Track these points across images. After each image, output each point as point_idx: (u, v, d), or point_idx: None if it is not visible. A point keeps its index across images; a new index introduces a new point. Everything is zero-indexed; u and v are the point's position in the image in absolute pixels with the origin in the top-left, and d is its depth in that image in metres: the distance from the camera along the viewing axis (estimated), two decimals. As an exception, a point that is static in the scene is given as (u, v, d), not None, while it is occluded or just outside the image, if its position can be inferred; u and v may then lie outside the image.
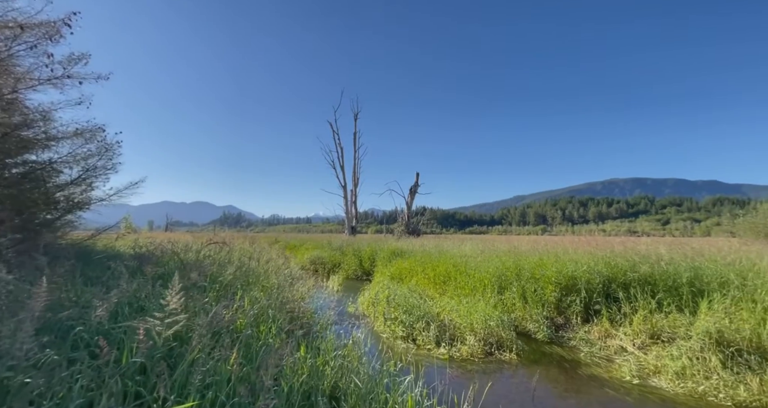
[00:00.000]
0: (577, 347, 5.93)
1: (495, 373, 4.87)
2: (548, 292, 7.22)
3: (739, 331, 5.07)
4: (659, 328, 5.76)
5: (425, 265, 10.51)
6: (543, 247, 9.93)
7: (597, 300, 6.82)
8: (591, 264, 7.58)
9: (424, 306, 6.90)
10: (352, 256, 15.90)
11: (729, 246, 8.70)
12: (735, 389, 4.15)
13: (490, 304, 7.18)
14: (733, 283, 6.05)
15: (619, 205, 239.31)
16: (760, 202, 16.68)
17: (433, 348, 5.59)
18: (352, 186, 30.32)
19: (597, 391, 4.44)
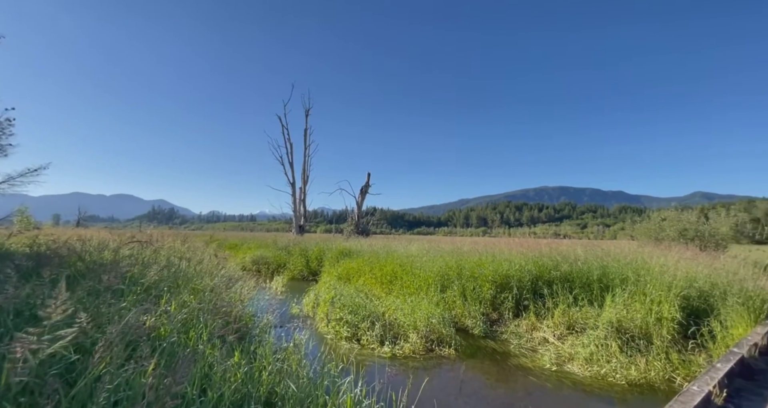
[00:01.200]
0: (508, 340, 6.45)
1: (434, 369, 5.09)
2: (485, 290, 7.76)
3: (633, 320, 5.98)
4: (574, 320, 6.53)
5: (373, 265, 10.59)
6: (482, 248, 10.63)
7: (526, 296, 7.51)
8: (522, 263, 8.32)
9: (369, 306, 6.94)
10: (298, 256, 15.39)
11: (629, 248, 10.21)
12: (628, 370, 4.87)
13: (432, 303, 7.48)
14: (630, 280, 7.11)
15: (547, 211, 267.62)
16: (653, 211, 19.93)
17: (377, 347, 5.65)
18: (302, 184, 29.37)
19: (522, 379, 4.88)
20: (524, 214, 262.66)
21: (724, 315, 6.03)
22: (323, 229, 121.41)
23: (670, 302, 6.15)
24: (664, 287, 6.55)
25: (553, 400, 4.32)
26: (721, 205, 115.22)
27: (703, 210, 24.27)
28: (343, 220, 28.53)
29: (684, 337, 5.74)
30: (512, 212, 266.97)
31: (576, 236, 62.93)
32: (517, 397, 4.32)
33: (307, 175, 29.42)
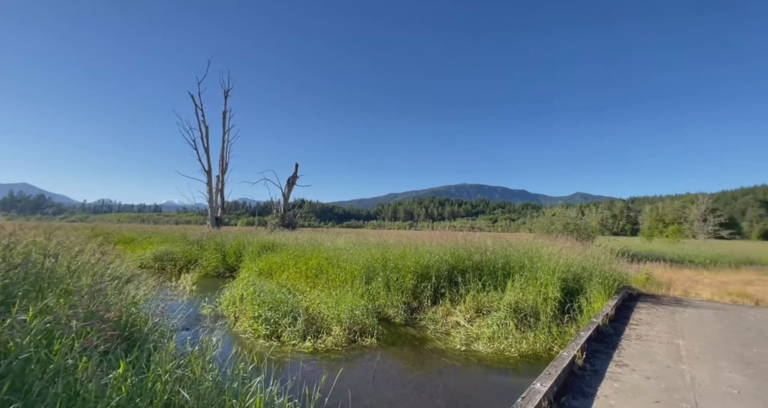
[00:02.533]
0: (426, 326, 6.92)
1: (356, 359, 5.18)
2: (408, 280, 8.18)
3: (526, 301, 6.99)
4: (482, 304, 7.33)
5: (298, 259, 10.23)
6: (407, 240, 11.15)
7: (443, 285, 8.16)
8: (441, 255, 9.00)
9: (292, 301, 6.69)
10: (213, 251, 13.97)
11: (527, 239, 11.88)
12: (520, 344, 5.68)
13: (357, 295, 7.58)
14: (526, 267, 8.29)
15: (466, 206, 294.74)
16: (546, 208, 23.60)
17: (299, 342, 5.49)
18: (219, 172, 26.56)
19: (436, 360, 5.30)
20: (446, 209, 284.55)
21: (589, 293, 7.48)
22: (245, 221, 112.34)
23: (554, 284, 7.35)
24: (550, 272, 7.81)
25: (461, 376, 4.80)
26: (594, 204, 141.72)
27: (581, 208, 29.45)
28: (268, 212, 26.80)
29: (562, 312, 6.93)
30: (436, 207, 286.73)
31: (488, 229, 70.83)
32: (431, 377, 4.67)
33: (225, 163, 26.74)
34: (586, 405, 2.91)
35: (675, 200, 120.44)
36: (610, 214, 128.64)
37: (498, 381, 4.73)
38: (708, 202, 61.71)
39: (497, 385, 4.59)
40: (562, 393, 3.11)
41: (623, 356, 4.16)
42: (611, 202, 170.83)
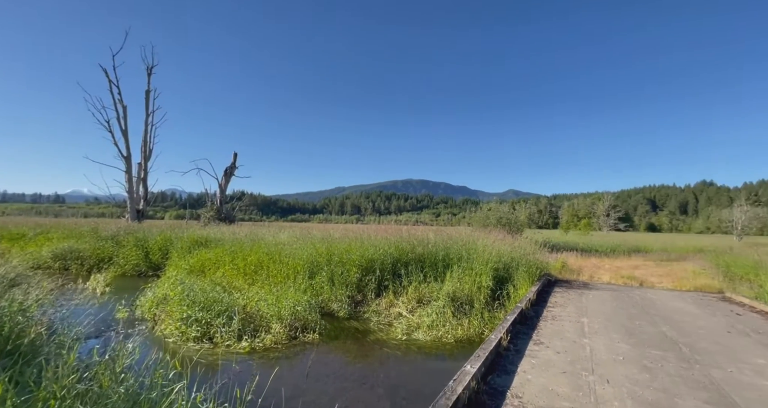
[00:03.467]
0: (369, 318, 7.03)
1: (296, 356, 5.05)
2: (352, 274, 8.19)
3: (463, 290, 7.50)
4: (423, 294, 7.67)
5: (235, 255, 9.59)
6: (353, 234, 11.15)
7: (387, 277, 8.35)
8: (386, 248, 9.18)
9: (227, 300, 6.25)
10: (134, 248, 12.38)
11: (465, 232, 12.71)
12: (456, 330, 6.09)
13: (300, 290, 7.39)
14: (464, 258, 8.88)
15: (411, 201, 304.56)
16: (483, 204, 25.52)
17: (234, 343, 5.16)
18: (141, 158, 23.47)
19: (378, 351, 5.42)
20: (393, 204, 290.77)
21: (516, 280, 8.29)
22: (174, 214, 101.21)
23: (487, 274, 8.00)
24: (484, 263, 8.47)
25: (402, 365, 4.97)
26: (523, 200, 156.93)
27: (513, 204, 32.38)
28: (202, 205, 24.56)
29: (493, 299, 7.59)
30: (383, 201, 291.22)
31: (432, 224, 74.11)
32: (372, 368, 4.77)
33: (149, 149, 23.71)
34: (508, 381, 3.24)
35: (587, 198, 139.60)
36: (536, 209, 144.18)
37: (436, 366, 5.01)
38: (611, 200, 72.68)
39: (435, 370, 4.86)
40: (489, 372, 3.41)
41: (541, 335, 4.71)
42: (538, 199, 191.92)
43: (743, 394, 3.09)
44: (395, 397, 3.96)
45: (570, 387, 3.14)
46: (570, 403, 2.83)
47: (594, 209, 79.34)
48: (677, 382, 3.29)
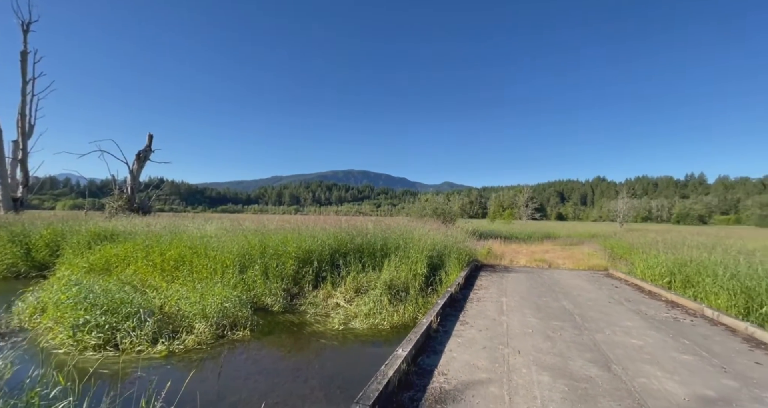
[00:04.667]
0: (306, 311, 6.87)
1: (223, 355, 4.72)
2: (288, 266, 7.89)
3: (399, 278, 7.78)
4: (361, 284, 7.75)
5: (150, 250, 8.49)
6: (291, 225, 10.71)
7: (325, 268, 8.24)
8: (324, 239, 9.02)
9: (139, 300, 5.52)
10: (9, 244, 10.13)
11: (403, 222, 13.15)
12: (392, 317, 6.30)
13: (229, 286, 6.87)
14: (401, 247, 9.19)
15: (353, 191, 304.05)
16: (421, 195, 26.67)
17: (148, 348, 4.60)
18: (19, 136, 19.10)
19: (314, 343, 5.35)
20: (334, 194, 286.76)
21: (447, 266, 8.89)
22: (70, 203, 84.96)
23: (422, 261, 8.41)
24: (420, 251, 8.88)
25: (338, 354, 4.99)
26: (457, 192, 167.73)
27: (448, 195, 34.38)
28: (107, 193, 21.06)
29: (427, 285, 8.03)
30: (323, 192, 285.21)
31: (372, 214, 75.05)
32: (307, 360, 4.69)
33: (30, 124, 19.39)
34: (436, 360, 3.47)
35: (511, 190, 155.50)
36: (468, 200, 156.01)
37: (372, 352, 5.14)
38: (529, 192, 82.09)
39: (371, 356, 4.98)
40: (420, 354, 3.62)
41: (467, 316, 5.14)
42: (470, 191, 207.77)
43: (615, 351, 3.80)
44: (330, 387, 3.96)
45: (488, 360, 3.49)
46: (487, 374, 3.15)
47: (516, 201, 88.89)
48: (570, 347, 3.90)
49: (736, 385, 3.07)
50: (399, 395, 2.78)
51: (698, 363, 3.54)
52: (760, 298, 5.42)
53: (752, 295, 5.54)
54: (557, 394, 2.82)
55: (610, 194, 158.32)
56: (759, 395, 2.90)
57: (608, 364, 3.43)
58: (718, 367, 3.44)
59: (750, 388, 3.02)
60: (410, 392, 2.83)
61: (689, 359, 3.63)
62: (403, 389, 2.88)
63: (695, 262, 7.47)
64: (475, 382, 3.01)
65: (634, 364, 3.46)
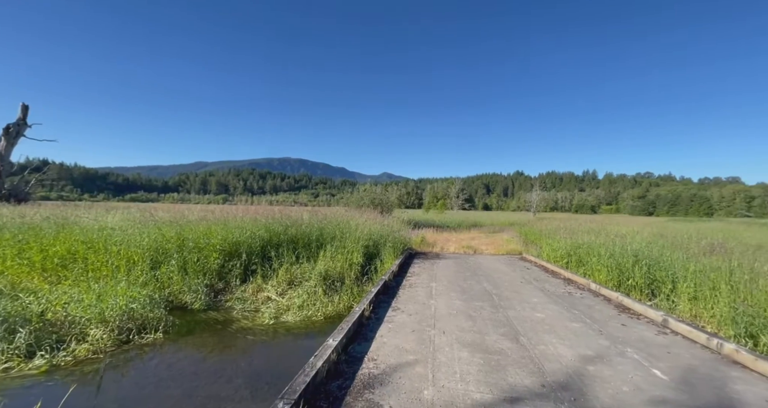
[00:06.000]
0: (233, 307, 6.40)
1: (128, 363, 4.13)
2: (212, 260, 7.22)
3: (335, 268, 7.72)
4: (295, 276, 7.49)
5: (26, 246, 6.96)
6: (216, 216, 9.78)
7: (255, 261, 7.75)
8: (254, 230, 8.45)
9: (9, 307, 4.49)
10: None
11: (340, 213, 13.03)
12: (327, 307, 6.24)
13: (137, 284, 6.03)
14: (337, 237, 9.10)
15: (289, 180, 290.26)
16: (360, 185, 26.72)
17: (19, 364, 3.78)
18: None
19: (241, 340, 5.01)
20: (268, 183, 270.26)
21: (383, 255, 9.11)
22: None
23: (358, 251, 8.46)
24: (356, 241, 8.91)
25: (268, 349, 4.76)
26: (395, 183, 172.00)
27: (387, 186, 35.05)
28: (-38, 175, 16.51)
29: (362, 274, 8.12)
30: (256, 180, 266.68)
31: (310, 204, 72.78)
32: (233, 358, 4.39)
33: None
34: (366, 347, 3.54)
35: (444, 181, 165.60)
36: (405, 191, 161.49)
37: (305, 345, 5.01)
38: (460, 184, 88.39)
39: (304, 348, 4.86)
40: (351, 342, 3.65)
41: (399, 302, 5.34)
42: (407, 182, 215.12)
43: (523, 324, 4.34)
44: (258, 384, 3.77)
45: (416, 342, 3.68)
46: (414, 356, 3.32)
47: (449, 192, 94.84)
48: (488, 324, 4.33)
49: (608, 343, 3.77)
50: (327, 385, 2.76)
51: (583, 329, 4.24)
52: (628, 272, 6.71)
53: (623, 270, 6.83)
54: (474, 367, 3.11)
55: (526, 187, 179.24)
56: (622, 350, 3.60)
57: (517, 337, 3.90)
58: (596, 331, 4.17)
59: (616, 345, 3.72)
60: (339, 381, 2.84)
61: (577, 326, 4.32)
62: (333, 378, 2.87)
63: (586, 245, 8.89)
64: (403, 364, 3.15)
65: (537, 334, 4.00)
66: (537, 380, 2.88)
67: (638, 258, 6.94)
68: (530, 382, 2.85)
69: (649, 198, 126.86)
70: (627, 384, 2.87)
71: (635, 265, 6.78)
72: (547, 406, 2.51)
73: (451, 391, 2.68)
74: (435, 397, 2.59)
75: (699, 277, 5.48)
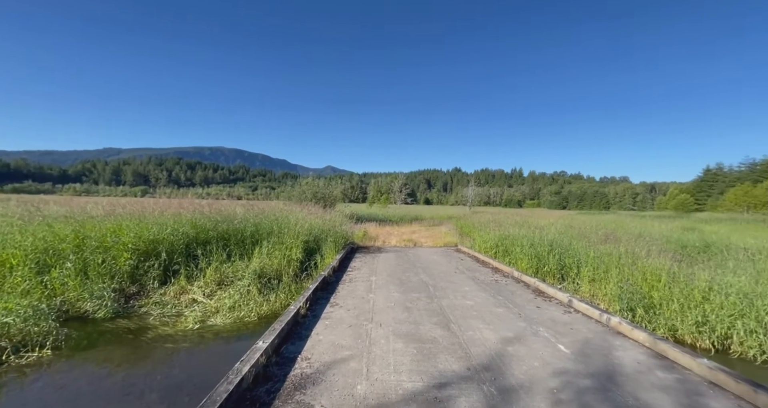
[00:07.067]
0: (149, 312, 5.68)
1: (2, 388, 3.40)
2: (122, 261, 6.29)
3: (272, 266, 7.33)
4: (226, 275, 6.93)
5: None
6: (127, 210, 8.54)
7: (178, 260, 6.96)
8: (177, 226, 7.58)
9: None
10: None
11: (280, 207, 12.39)
12: (262, 307, 5.90)
13: (17, 293, 4.98)
14: (275, 232, 8.64)
15: (223, 172, 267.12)
16: (302, 179, 25.73)
17: None
18: None
19: (159, 349, 4.47)
20: (198, 174, 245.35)
21: (324, 250, 8.92)
22: None
23: (298, 247, 8.15)
24: (295, 236, 8.56)
25: (192, 357, 4.32)
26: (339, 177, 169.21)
27: (330, 180, 34.38)
28: None
29: (302, 270, 7.85)
30: (183, 170, 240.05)
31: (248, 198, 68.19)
32: (147, 371, 3.88)
33: None
34: (300, 346, 3.41)
35: (388, 176, 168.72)
36: (350, 185, 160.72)
37: (235, 349, 4.66)
38: (403, 179, 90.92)
39: (234, 353, 4.51)
40: (284, 342, 3.48)
41: (338, 298, 5.27)
42: (351, 176, 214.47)
43: (454, 312, 4.62)
44: (177, 397, 3.40)
45: (352, 337, 3.67)
46: (350, 351, 3.30)
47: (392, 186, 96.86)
48: (423, 314, 4.51)
49: (525, 325, 4.21)
50: (254, 391, 2.59)
51: (506, 313, 4.67)
52: (544, 259, 7.58)
53: (540, 258, 7.70)
54: (407, 357, 3.21)
55: (463, 183, 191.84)
56: (536, 330, 4.05)
57: (448, 325, 4.14)
58: (516, 314, 4.64)
59: (532, 326, 4.18)
60: (268, 385, 2.69)
61: (501, 311, 4.75)
62: (261, 383, 2.70)
63: (511, 236, 9.82)
64: (338, 360, 3.11)
65: (466, 321, 4.29)
66: (464, 364, 3.09)
67: (552, 247, 7.88)
68: (458, 367, 3.03)
69: (563, 194, 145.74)
70: (538, 360, 3.23)
71: (550, 253, 7.69)
72: (472, 388, 2.69)
73: (384, 384, 2.71)
74: (368, 391, 2.60)
75: (596, 262, 6.43)
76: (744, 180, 55.96)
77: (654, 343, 3.51)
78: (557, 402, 2.52)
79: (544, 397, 2.58)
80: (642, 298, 5.01)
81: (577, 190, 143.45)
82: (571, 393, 2.65)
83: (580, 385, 2.78)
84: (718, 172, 68.92)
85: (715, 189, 64.30)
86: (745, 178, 57.80)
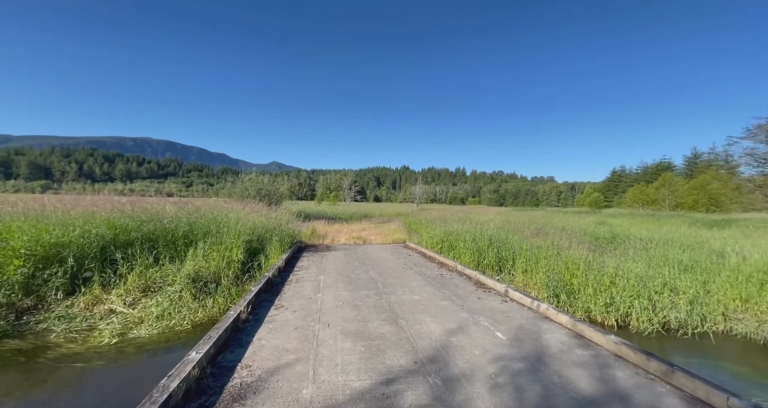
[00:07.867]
0: (49, 329, 4.82)
1: None
2: (11, 270, 5.24)
3: (209, 268, 6.72)
4: (153, 280, 6.18)
5: None
6: (22, 208, 7.15)
7: (90, 266, 6.02)
8: (89, 227, 6.55)
9: None
10: None
11: (219, 204, 11.44)
12: (196, 314, 5.37)
13: None
14: (212, 232, 7.94)
15: (150, 166, 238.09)
16: (244, 174, 24.08)
17: None
18: None
19: (63, 371, 3.81)
20: (118, 167, 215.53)
21: (269, 250, 8.45)
22: None
23: (239, 247, 7.59)
24: (236, 236, 7.97)
25: (109, 376, 3.76)
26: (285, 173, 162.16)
27: (276, 176, 32.72)
28: None
29: (244, 272, 7.34)
30: (99, 163, 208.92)
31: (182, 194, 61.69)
32: (45, 399, 3.28)
33: None
34: (240, 354, 3.17)
35: (338, 173, 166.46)
36: (297, 182, 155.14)
37: (164, 362, 4.17)
38: (352, 176, 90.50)
39: (162, 367, 4.02)
40: (221, 351, 3.21)
41: (283, 299, 5.02)
42: (299, 172, 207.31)
43: (402, 307, 4.71)
44: (88, 426, 2.92)
45: (299, 340, 3.52)
46: (295, 355, 3.16)
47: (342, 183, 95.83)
48: (372, 312, 4.51)
49: (467, 316, 4.46)
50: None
51: (450, 305, 4.90)
52: (484, 253, 8.13)
53: (481, 251, 8.24)
54: (356, 356, 3.17)
55: (411, 180, 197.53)
56: (477, 320, 4.32)
57: (396, 320, 4.20)
58: (459, 306, 4.89)
59: (473, 316, 4.44)
60: (202, 399, 2.44)
61: (446, 304, 4.97)
62: (193, 398, 2.44)
63: (455, 232, 10.35)
64: (282, 365, 2.95)
65: (414, 315, 4.39)
66: (411, 358, 3.15)
67: (491, 241, 8.48)
68: (405, 362, 3.08)
69: (501, 192, 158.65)
70: (478, 348, 3.44)
71: (489, 247, 8.26)
72: (418, 381, 2.76)
73: (331, 385, 2.64)
74: (314, 395, 2.51)
75: (528, 254, 7.08)
76: (640, 180, 66.52)
77: (574, 325, 3.97)
78: (495, 386, 2.70)
79: (484, 383, 2.75)
80: (565, 285, 5.64)
81: (513, 189, 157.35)
82: (507, 376, 2.86)
83: (515, 368, 3.02)
84: (622, 173, 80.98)
85: (620, 188, 75.45)
86: (640, 178, 68.71)
